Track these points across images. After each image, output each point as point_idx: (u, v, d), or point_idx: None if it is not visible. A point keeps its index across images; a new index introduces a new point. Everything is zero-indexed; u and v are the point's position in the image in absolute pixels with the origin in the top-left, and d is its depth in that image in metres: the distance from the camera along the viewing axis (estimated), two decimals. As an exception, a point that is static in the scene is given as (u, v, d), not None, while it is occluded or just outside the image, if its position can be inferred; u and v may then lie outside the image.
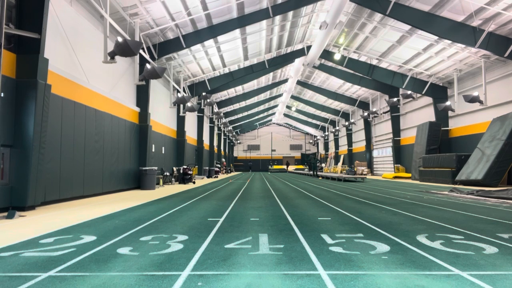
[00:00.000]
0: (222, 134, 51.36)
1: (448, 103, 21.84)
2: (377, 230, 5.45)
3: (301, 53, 26.49)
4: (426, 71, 24.04)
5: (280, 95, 44.14)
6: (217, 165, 40.35)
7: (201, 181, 23.78)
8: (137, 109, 17.01)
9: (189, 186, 18.55)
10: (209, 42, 20.39)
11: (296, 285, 2.92)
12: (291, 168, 60.03)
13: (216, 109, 37.29)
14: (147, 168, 16.05)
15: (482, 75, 19.30)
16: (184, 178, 20.85)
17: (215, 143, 42.88)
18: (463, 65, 21.46)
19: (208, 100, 28.55)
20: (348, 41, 24.02)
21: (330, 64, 28.67)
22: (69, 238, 4.88)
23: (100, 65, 12.81)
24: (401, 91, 28.20)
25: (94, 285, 2.93)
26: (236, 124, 54.44)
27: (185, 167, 21.31)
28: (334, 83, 34.78)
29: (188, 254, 3.98)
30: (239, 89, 36.16)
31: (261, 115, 57.15)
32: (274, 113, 56.91)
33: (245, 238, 4.84)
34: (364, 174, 35.26)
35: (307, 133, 71.04)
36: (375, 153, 38.16)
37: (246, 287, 2.89)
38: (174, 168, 22.42)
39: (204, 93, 27.78)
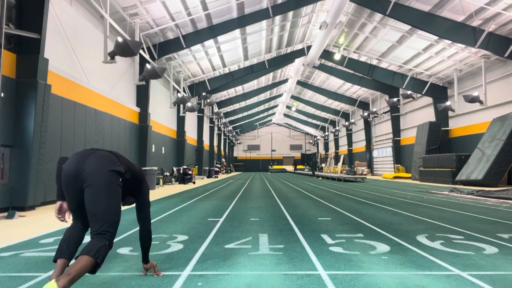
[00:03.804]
0: (222, 134, 51.36)
1: (448, 103, 21.83)
2: (377, 230, 5.45)
3: (301, 53, 26.48)
4: (426, 71, 24.04)
5: (280, 95, 44.12)
6: (217, 165, 40.33)
7: (201, 181, 23.79)
8: (137, 109, 17.01)
9: (189, 186, 18.55)
10: (209, 42, 20.39)
11: (296, 285, 2.92)
12: (290, 168, 59.80)
13: (216, 109, 37.29)
14: (147, 168, 16.05)
15: (482, 75, 19.30)
16: (184, 178, 20.84)
17: (215, 143, 42.88)
18: (463, 65, 21.46)
19: (208, 100, 28.56)
20: (348, 41, 24.02)
21: (330, 64, 28.66)
22: (69, 238, 4.87)
23: (100, 65, 12.81)
24: (401, 91, 28.19)
25: (94, 286, 2.93)
26: (236, 124, 54.42)
27: (185, 167, 21.31)
28: (334, 83, 34.78)
29: (188, 254, 3.98)
30: (239, 89, 36.15)
31: (261, 115, 57.11)
32: (274, 113, 56.87)
33: (245, 238, 4.84)
34: (364, 174, 35.25)
35: (307, 133, 71.02)
36: (375, 153, 38.15)
37: (246, 287, 2.89)
38: (174, 168, 22.42)
39: (204, 93, 27.78)
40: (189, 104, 21.26)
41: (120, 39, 10.58)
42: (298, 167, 55.87)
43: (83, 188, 2.68)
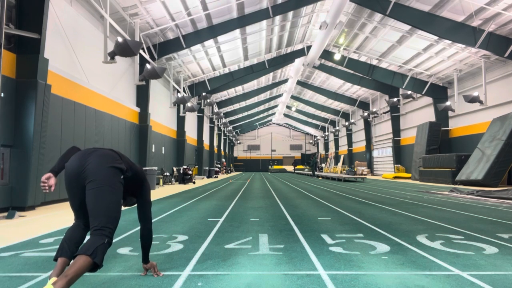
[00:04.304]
0: (222, 134, 51.35)
1: (448, 103, 21.83)
2: (377, 230, 5.45)
3: (301, 53, 26.48)
4: (426, 71, 24.04)
5: (280, 95, 44.12)
6: (217, 165, 40.31)
7: (201, 181, 23.78)
8: (137, 109, 17.01)
9: (189, 186, 18.54)
10: (209, 42, 20.39)
11: (296, 285, 2.92)
12: (290, 168, 59.73)
13: (216, 109, 37.28)
14: (147, 168, 16.05)
15: (482, 75, 19.30)
16: (184, 178, 20.84)
17: (215, 143, 42.87)
18: (463, 65, 21.45)
19: (208, 100, 28.56)
20: (348, 41, 24.02)
21: (330, 64, 28.66)
22: (69, 238, 4.86)
23: (100, 65, 12.81)
24: (401, 91, 28.19)
25: (94, 285, 2.93)
26: (236, 124, 54.41)
27: (185, 167, 21.31)
28: (334, 83, 34.78)
29: (188, 254, 3.98)
30: (239, 89, 36.15)
31: (261, 115, 57.11)
32: (274, 113, 56.87)
33: (245, 238, 4.84)
34: (364, 174, 35.25)
35: (307, 133, 71.01)
36: (375, 153, 38.14)
37: (246, 287, 2.89)
38: (174, 168, 22.42)
39: (204, 93, 27.78)
40: (189, 104, 21.26)
41: (120, 39, 10.58)
42: (298, 167, 55.84)
43: (85, 186, 2.69)
